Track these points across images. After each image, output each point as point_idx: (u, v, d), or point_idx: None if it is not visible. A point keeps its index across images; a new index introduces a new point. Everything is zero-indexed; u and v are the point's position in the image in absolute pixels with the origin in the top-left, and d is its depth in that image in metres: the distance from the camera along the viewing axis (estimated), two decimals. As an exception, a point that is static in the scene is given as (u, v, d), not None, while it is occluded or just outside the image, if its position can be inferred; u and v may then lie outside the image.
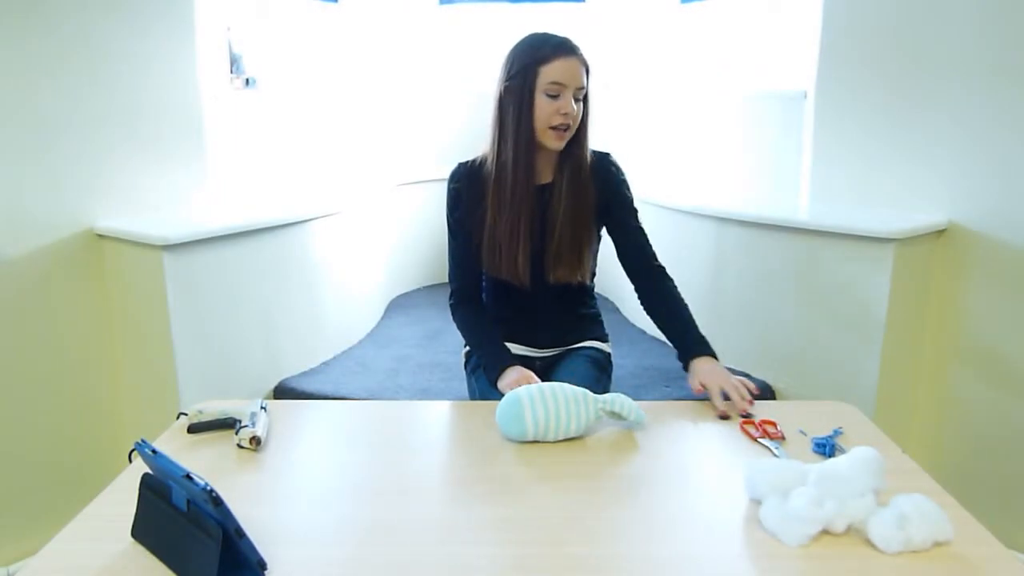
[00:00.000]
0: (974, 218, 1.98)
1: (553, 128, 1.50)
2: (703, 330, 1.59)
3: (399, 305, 3.14)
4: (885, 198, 2.16)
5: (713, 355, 1.52)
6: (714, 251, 2.39)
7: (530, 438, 1.24)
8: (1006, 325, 1.94)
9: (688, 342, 1.56)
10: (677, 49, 3.09)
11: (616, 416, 1.29)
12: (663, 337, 2.66)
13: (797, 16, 2.51)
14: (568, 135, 1.52)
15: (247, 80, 2.60)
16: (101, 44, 1.95)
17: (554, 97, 1.48)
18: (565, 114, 1.48)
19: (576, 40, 1.54)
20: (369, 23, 3.20)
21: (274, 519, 1.02)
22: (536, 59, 1.49)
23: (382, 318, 2.97)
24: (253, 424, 1.23)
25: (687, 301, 1.65)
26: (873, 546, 0.93)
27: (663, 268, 1.67)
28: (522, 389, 1.27)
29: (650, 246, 1.67)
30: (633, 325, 2.85)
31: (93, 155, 1.96)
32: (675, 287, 1.65)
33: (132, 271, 1.96)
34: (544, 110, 1.49)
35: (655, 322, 1.66)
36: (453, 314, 1.69)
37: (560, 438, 1.25)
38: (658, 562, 0.93)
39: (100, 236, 1.99)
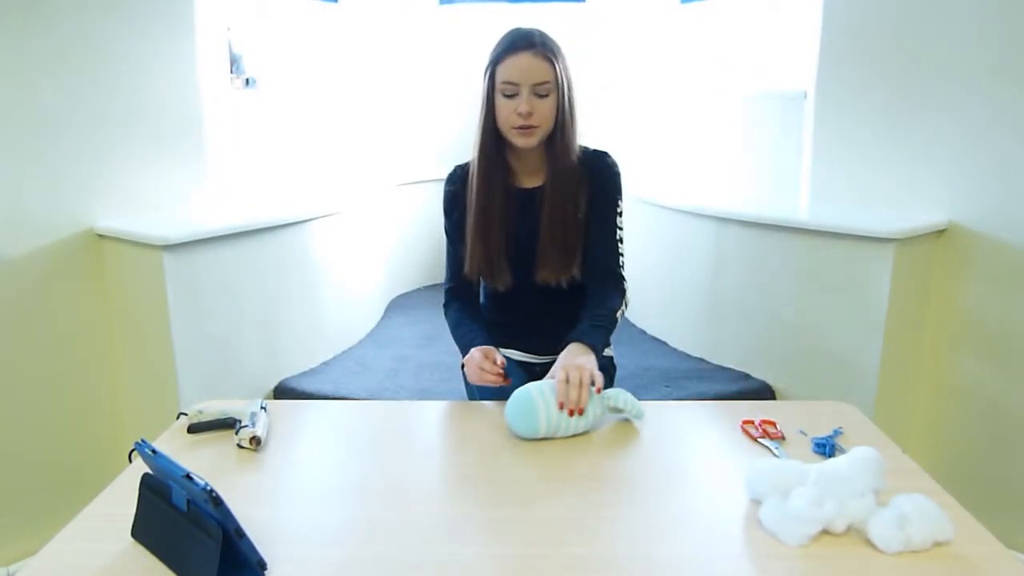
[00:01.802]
0: (974, 218, 1.98)
1: (516, 128, 1.46)
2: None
3: (399, 305, 3.14)
4: (885, 198, 2.16)
5: (593, 348, 1.44)
6: (714, 251, 2.39)
7: (541, 436, 1.24)
8: (1006, 325, 1.94)
9: (575, 330, 1.49)
10: (677, 49, 3.09)
11: (616, 410, 1.31)
12: (664, 337, 2.69)
13: (797, 16, 2.51)
14: (537, 132, 1.47)
15: (247, 80, 2.60)
16: (101, 44, 1.95)
17: (510, 96, 1.45)
18: (520, 113, 1.44)
19: (546, 33, 1.48)
20: (369, 23, 3.20)
21: (274, 519, 1.02)
22: (492, 59, 1.47)
23: (382, 318, 2.97)
24: (253, 424, 1.23)
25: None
26: (873, 546, 0.93)
27: (620, 277, 1.59)
28: (533, 387, 1.27)
29: (617, 255, 1.59)
30: (633, 325, 2.85)
31: (93, 155, 1.96)
32: (616, 295, 1.56)
33: (132, 271, 1.96)
34: (503, 110, 1.46)
35: None
36: (445, 314, 1.66)
37: (568, 435, 1.26)
38: (658, 562, 0.93)
39: (100, 236, 1.99)
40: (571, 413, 1.25)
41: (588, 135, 1.60)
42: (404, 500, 1.08)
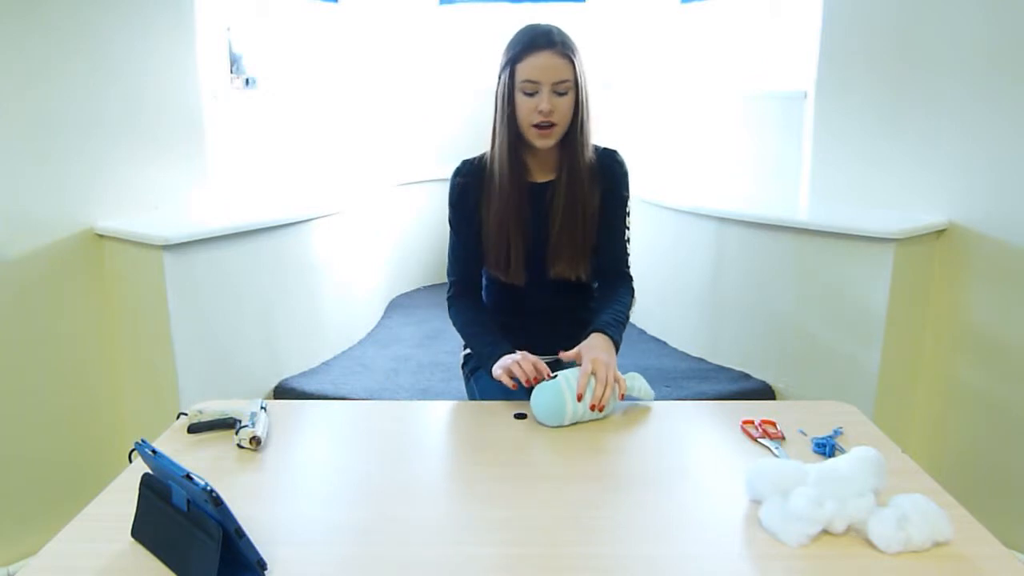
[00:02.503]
0: (973, 218, 1.98)
1: (535, 126, 1.46)
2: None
3: (399, 305, 3.14)
4: (885, 198, 2.16)
5: (614, 341, 1.46)
6: (714, 251, 2.39)
7: (566, 423, 1.30)
8: (1006, 325, 1.94)
9: (599, 320, 1.50)
10: (677, 49, 3.09)
11: (628, 394, 1.36)
12: (664, 337, 2.69)
13: (797, 16, 2.51)
14: (555, 131, 1.48)
15: (247, 80, 2.60)
16: (101, 44, 1.95)
17: (531, 95, 1.45)
18: (541, 111, 1.45)
19: (563, 30, 1.49)
20: (369, 23, 3.20)
21: (274, 519, 1.02)
22: (511, 58, 1.47)
23: (382, 318, 2.97)
24: (253, 424, 1.23)
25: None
26: (873, 546, 0.93)
27: (629, 276, 1.64)
28: (563, 382, 1.30)
29: (626, 253, 1.63)
30: (633, 325, 2.85)
31: (93, 155, 1.96)
32: (628, 292, 1.60)
33: (132, 271, 1.96)
34: (523, 108, 1.47)
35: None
36: (449, 308, 1.64)
37: (587, 420, 1.31)
38: (658, 562, 0.93)
39: (100, 236, 1.99)
40: (592, 408, 1.30)
41: (589, 128, 1.59)
42: (404, 500, 1.08)
